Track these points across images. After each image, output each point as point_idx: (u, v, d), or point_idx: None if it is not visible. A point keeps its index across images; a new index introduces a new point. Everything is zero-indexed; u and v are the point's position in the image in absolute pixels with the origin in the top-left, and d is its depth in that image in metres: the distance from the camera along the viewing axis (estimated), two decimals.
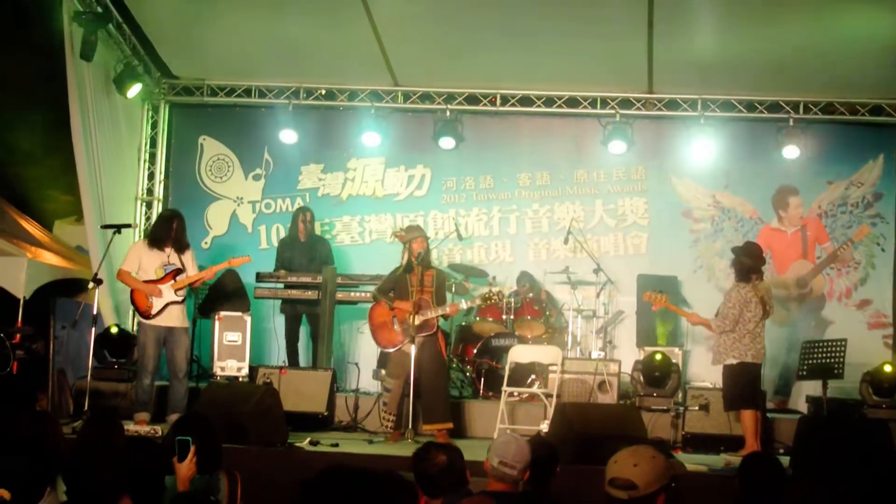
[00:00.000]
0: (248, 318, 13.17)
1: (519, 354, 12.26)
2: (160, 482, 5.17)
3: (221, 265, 12.40)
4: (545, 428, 11.04)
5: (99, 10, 12.93)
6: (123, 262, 11.81)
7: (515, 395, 12.34)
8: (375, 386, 13.13)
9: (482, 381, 13.04)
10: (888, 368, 12.23)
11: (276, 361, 13.66)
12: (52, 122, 14.26)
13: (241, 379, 12.72)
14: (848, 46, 13.06)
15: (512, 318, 13.51)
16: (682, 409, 11.85)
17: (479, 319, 13.68)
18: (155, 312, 11.63)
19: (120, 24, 13.72)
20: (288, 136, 14.94)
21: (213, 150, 15.54)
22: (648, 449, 4.56)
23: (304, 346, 14.13)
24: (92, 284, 11.62)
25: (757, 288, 10.85)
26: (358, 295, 13.56)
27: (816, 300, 14.58)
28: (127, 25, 13.88)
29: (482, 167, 15.26)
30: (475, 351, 13.21)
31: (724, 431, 11.53)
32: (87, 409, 11.51)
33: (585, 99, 14.76)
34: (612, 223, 15.00)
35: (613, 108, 14.68)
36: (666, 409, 12.03)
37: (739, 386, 10.75)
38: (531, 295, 13.77)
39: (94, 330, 11.85)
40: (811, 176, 14.69)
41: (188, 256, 12.01)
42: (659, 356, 12.37)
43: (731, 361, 10.75)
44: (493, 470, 5.95)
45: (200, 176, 15.51)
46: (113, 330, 12.84)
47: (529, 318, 13.58)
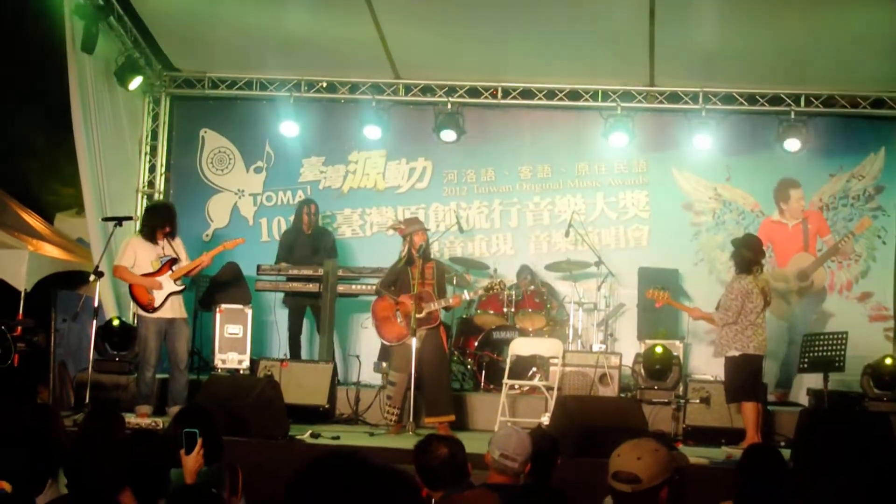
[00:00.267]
0: (249, 310, 13.19)
1: (520, 347, 12.28)
2: (162, 475, 5.17)
3: (216, 250, 12.37)
4: (546, 421, 11.05)
5: (100, 2, 12.92)
6: (119, 257, 11.77)
7: (516, 387, 12.34)
8: (377, 378, 13.13)
9: (483, 373, 13.04)
10: (889, 361, 12.25)
11: (277, 354, 13.69)
12: (53, 114, 14.26)
13: (242, 371, 12.76)
14: (849, 39, 13.06)
15: (513, 310, 13.51)
16: (682, 401, 11.85)
17: (480, 312, 13.69)
18: (158, 305, 11.63)
19: (121, 16, 13.73)
20: (289, 128, 14.93)
21: (214, 142, 15.54)
22: (651, 442, 4.56)
23: (307, 338, 14.14)
24: (93, 277, 11.59)
25: (758, 279, 10.85)
26: (359, 288, 13.54)
27: (817, 293, 14.57)
28: (128, 18, 13.88)
29: (483, 160, 15.25)
30: (476, 343, 13.20)
31: (725, 424, 11.53)
32: (88, 401, 11.51)
33: (587, 92, 14.76)
34: (613, 216, 14.99)
35: (615, 100, 14.67)
36: (667, 401, 12.04)
37: (742, 378, 10.75)
38: (532, 288, 13.77)
39: (95, 322, 11.84)
40: (812, 169, 14.68)
41: (179, 244, 12.03)
42: (660, 349, 12.37)
43: (733, 353, 10.74)
44: (494, 462, 5.96)
45: (201, 168, 15.50)
46: (115, 322, 12.83)
47: (530, 310, 13.58)
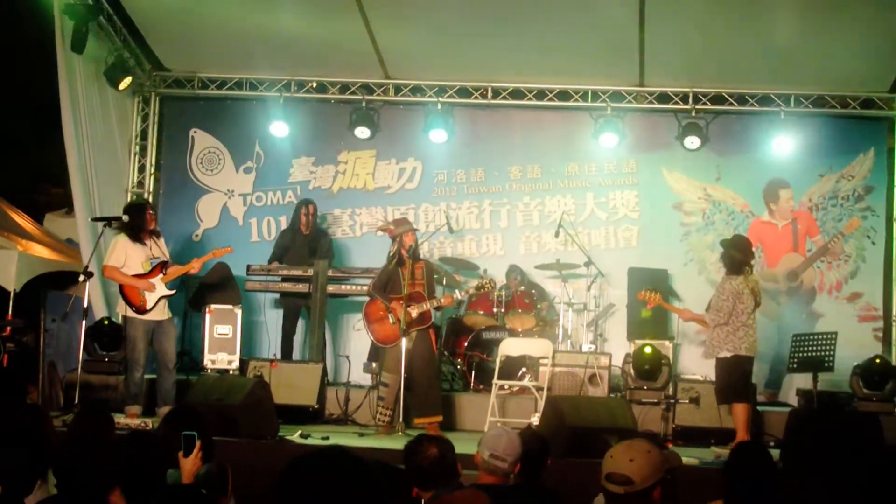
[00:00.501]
0: (238, 311, 13.19)
1: (510, 347, 12.28)
2: (154, 476, 5.16)
3: (206, 257, 12.37)
4: (536, 421, 11.04)
5: (89, 2, 12.90)
6: (109, 257, 11.73)
7: (506, 388, 12.35)
8: (366, 379, 13.13)
9: (473, 374, 13.05)
10: (878, 361, 12.28)
11: (266, 354, 13.69)
12: (42, 114, 14.23)
13: (231, 372, 12.75)
14: (839, 39, 13.10)
15: (503, 311, 13.52)
16: (672, 402, 11.86)
17: (469, 312, 13.70)
18: (150, 307, 11.64)
19: (111, 16, 13.70)
20: (279, 128, 14.91)
21: (204, 142, 15.52)
22: (644, 443, 4.57)
23: (302, 339, 14.13)
24: (82, 277, 11.56)
25: (748, 280, 10.85)
26: (349, 288, 13.55)
27: (807, 293, 14.60)
28: (118, 17, 13.86)
29: (473, 160, 15.26)
30: (466, 344, 13.21)
31: (714, 424, 11.55)
32: (77, 402, 11.48)
33: (577, 92, 14.76)
34: (603, 216, 15.00)
35: (605, 101, 14.67)
36: (656, 402, 12.05)
37: (733, 379, 10.73)
38: (522, 288, 13.77)
39: (84, 323, 11.82)
40: (802, 169, 14.69)
41: (163, 244, 12.07)
42: (649, 349, 12.38)
43: (724, 354, 10.71)
44: (483, 463, 5.96)
45: (191, 168, 15.49)
46: (104, 323, 12.79)
47: (520, 311, 13.58)
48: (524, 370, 12.72)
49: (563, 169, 15.11)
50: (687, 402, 11.78)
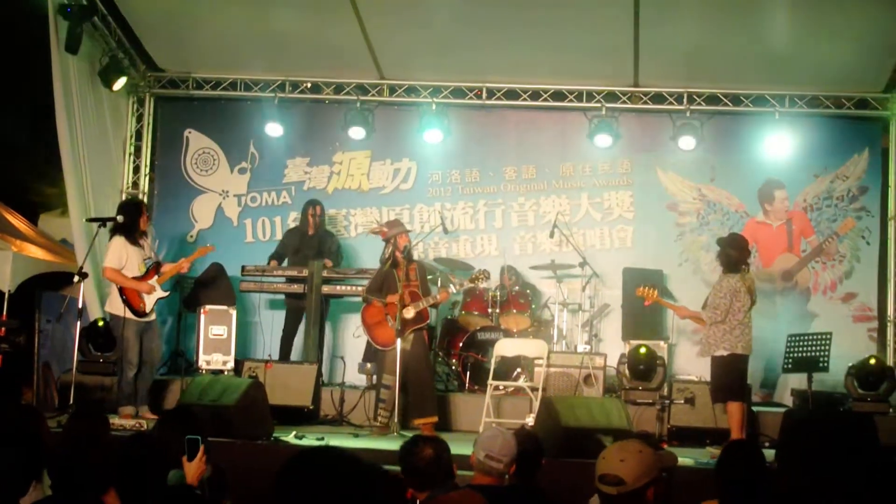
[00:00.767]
0: (233, 311, 13.18)
1: (504, 348, 12.28)
2: (152, 477, 5.15)
3: (193, 256, 12.41)
4: (531, 421, 11.03)
5: (84, 2, 12.89)
6: (108, 259, 11.58)
7: (501, 388, 12.36)
8: (361, 380, 13.12)
9: (468, 374, 13.03)
10: (873, 362, 12.29)
11: (261, 355, 13.66)
12: (37, 115, 14.22)
13: (226, 373, 12.72)
14: (834, 40, 13.12)
15: (497, 311, 13.51)
16: (667, 402, 11.85)
17: (464, 313, 13.69)
18: (149, 310, 11.64)
19: (105, 16, 13.69)
20: (273, 129, 14.90)
21: (198, 143, 15.50)
22: (636, 443, 4.57)
23: (301, 340, 14.08)
24: (77, 278, 11.53)
25: (745, 278, 10.84)
26: (343, 289, 13.53)
27: (802, 293, 14.61)
28: (112, 18, 13.85)
29: (468, 161, 15.26)
30: (461, 344, 13.18)
31: (709, 425, 11.52)
32: (72, 402, 11.44)
33: (571, 92, 14.76)
34: (597, 216, 15.00)
35: (599, 101, 14.68)
36: (651, 402, 12.05)
37: (729, 378, 10.68)
38: (517, 288, 13.76)
39: (79, 323, 11.79)
40: (797, 169, 14.69)
41: (149, 243, 12.10)
42: (644, 349, 12.38)
43: (721, 353, 10.67)
44: (479, 463, 5.95)
45: (186, 169, 15.46)
46: (99, 323, 12.77)
47: (515, 311, 13.59)
48: (519, 371, 12.70)
49: (557, 169, 15.11)
50: (682, 402, 11.77)
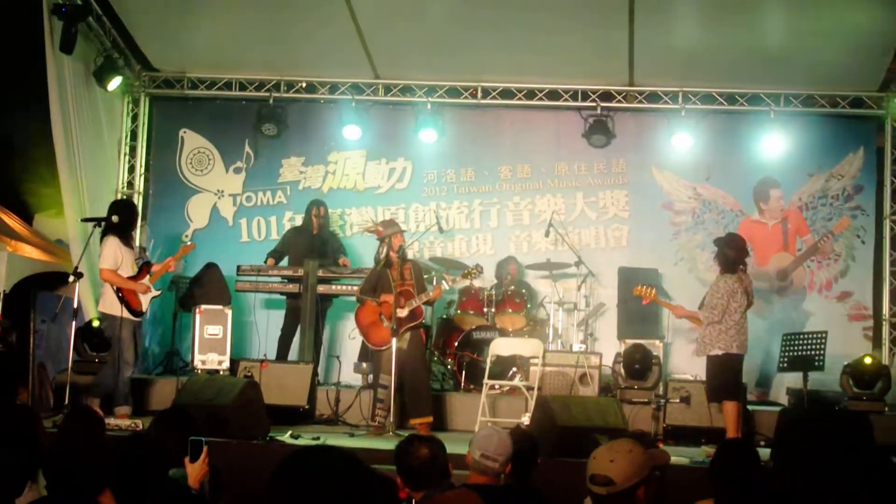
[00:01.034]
0: (228, 311, 13.16)
1: (500, 347, 12.27)
2: (145, 477, 5.15)
3: (177, 255, 12.45)
4: (526, 421, 11.02)
5: (79, 2, 12.88)
6: (105, 260, 11.47)
7: (497, 387, 12.36)
8: (357, 379, 13.13)
9: (463, 373, 13.04)
10: (868, 360, 12.29)
11: (257, 355, 13.63)
12: (32, 115, 14.18)
13: (222, 372, 12.71)
14: (829, 39, 13.13)
15: (493, 310, 13.51)
16: (663, 401, 11.85)
17: (460, 312, 13.69)
18: (145, 309, 11.65)
19: (100, 16, 13.69)
20: (269, 128, 14.90)
21: (193, 142, 15.49)
22: (625, 443, 4.59)
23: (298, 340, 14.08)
24: (72, 278, 11.51)
25: (742, 279, 10.84)
26: (339, 288, 13.50)
27: (797, 292, 14.61)
28: (107, 18, 13.86)
29: (463, 160, 15.26)
30: (456, 344, 13.19)
31: (704, 424, 11.53)
32: (67, 402, 11.40)
33: (566, 92, 14.77)
34: (593, 216, 15.01)
35: (594, 100, 14.69)
36: (647, 401, 12.06)
37: (724, 377, 10.69)
38: (513, 288, 13.75)
39: (74, 323, 11.77)
40: (792, 168, 14.71)
41: (136, 243, 12.09)
42: (640, 349, 12.39)
43: (716, 352, 10.67)
44: (474, 463, 5.95)
45: (181, 169, 15.46)
46: (94, 323, 12.76)
47: (510, 310, 13.57)
48: (514, 370, 12.70)
49: (553, 168, 15.12)
50: (677, 401, 11.76)
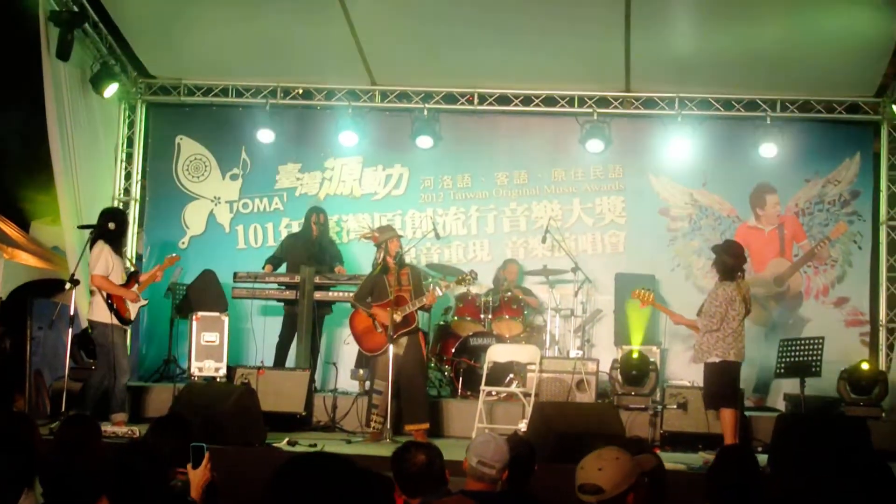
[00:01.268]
0: (225, 318, 13.14)
1: (497, 353, 12.25)
2: (142, 484, 5.14)
3: (164, 264, 12.41)
4: (523, 427, 11.03)
5: (75, 9, 12.87)
6: (97, 267, 11.41)
7: (494, 394, 12.34)
8: (354, 386, 13.11)
9: (460, 380, 13.02)
10: (865, 366, 12.30)
11: (254, 362, 13.62)
12: (28, 122, 14.17)
13: (218, 379, 12.69)
14: (825, 44, 13.12)
15: (490, 317, 13.50)
16: (660, 407, 11.84)
17: (457, 318, 13.68)
18: (133, 317, 11.64)
19: (96, 23, 13.68)
20: (265, 135, 14.90)
21: (190, 149, 15.48)
22: (613, 451, 4.61)
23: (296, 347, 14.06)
24: (69, 285, 11.50)
25: (740, 286, 10.84)
26: (335, 295, 13.47)
27: (794, 298, 14.61)
28: (103, 25, 13.84)
29: (460, 166, 15.26)
30: (453, 350, 13.19)
31: (702, 430, 11.52)
32: (64, 410, 11.38)
33: (563, 98, 14.78)
34: (589, 222, 15.01)
35: (591, 106, 14.70)
36: (644, 407, 12.05)
37: (721, 384, 10.70)
38: (510, 294, 13.74)
39: (70, 331, 11.76)
40: (788, 174, 14.71)
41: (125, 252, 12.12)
42: (636, 355, 12.40)
43: (713, 359, 10.68)
44: (471, 469, 5.94)
45: (177, 176, 15.45)
46: (91, 331, 12.72)
47: (507, 317, 13.57)
48: (511, 376, 12.69)
49: (549, 174, 15.12)
50: (674, 407, 11.76)
